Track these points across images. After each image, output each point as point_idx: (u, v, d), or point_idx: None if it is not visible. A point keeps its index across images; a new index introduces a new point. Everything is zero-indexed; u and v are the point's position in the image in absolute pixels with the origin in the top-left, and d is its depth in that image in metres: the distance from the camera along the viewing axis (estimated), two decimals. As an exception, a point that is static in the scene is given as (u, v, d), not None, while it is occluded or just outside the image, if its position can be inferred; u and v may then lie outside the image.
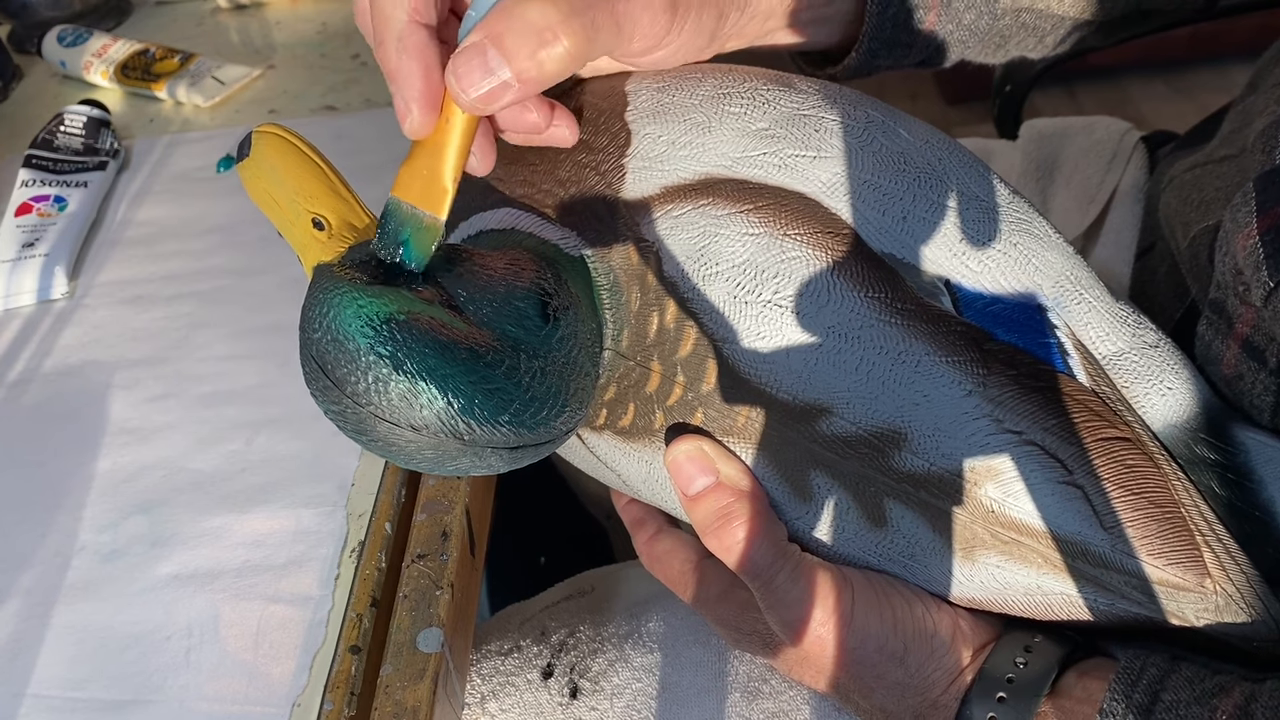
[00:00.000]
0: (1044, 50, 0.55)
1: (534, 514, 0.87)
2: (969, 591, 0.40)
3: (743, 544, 0.39)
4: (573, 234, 0.41)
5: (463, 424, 0.34)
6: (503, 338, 0.36)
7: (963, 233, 0.39)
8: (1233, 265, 0.42)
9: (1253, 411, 0.41)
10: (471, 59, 0.32)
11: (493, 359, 0.35)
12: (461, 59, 0.33)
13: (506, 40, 0.32)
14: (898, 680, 0.40)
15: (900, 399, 0.37)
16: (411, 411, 0.34)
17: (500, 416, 0.35)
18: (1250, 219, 0.40)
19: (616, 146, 0.41)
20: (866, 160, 0.40)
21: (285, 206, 0.37)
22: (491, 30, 0.32)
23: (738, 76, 0.42)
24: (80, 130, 0.76)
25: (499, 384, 0.35)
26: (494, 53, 0.32)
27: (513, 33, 0.32)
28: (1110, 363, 0.40)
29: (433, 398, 0.34)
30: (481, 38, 0.32)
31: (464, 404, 0.34)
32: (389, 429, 0.34)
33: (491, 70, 0.32)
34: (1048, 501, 0.37)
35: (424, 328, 0.34)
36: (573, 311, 0.38)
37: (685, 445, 0.39)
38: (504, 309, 0.37)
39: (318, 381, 0.35)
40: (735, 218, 0.39)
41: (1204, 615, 0.38)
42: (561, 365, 0.37)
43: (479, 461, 0.36)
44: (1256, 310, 0.40)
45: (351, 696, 0.42)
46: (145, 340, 0.62)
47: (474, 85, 0.33)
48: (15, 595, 0.48)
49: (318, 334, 0.34)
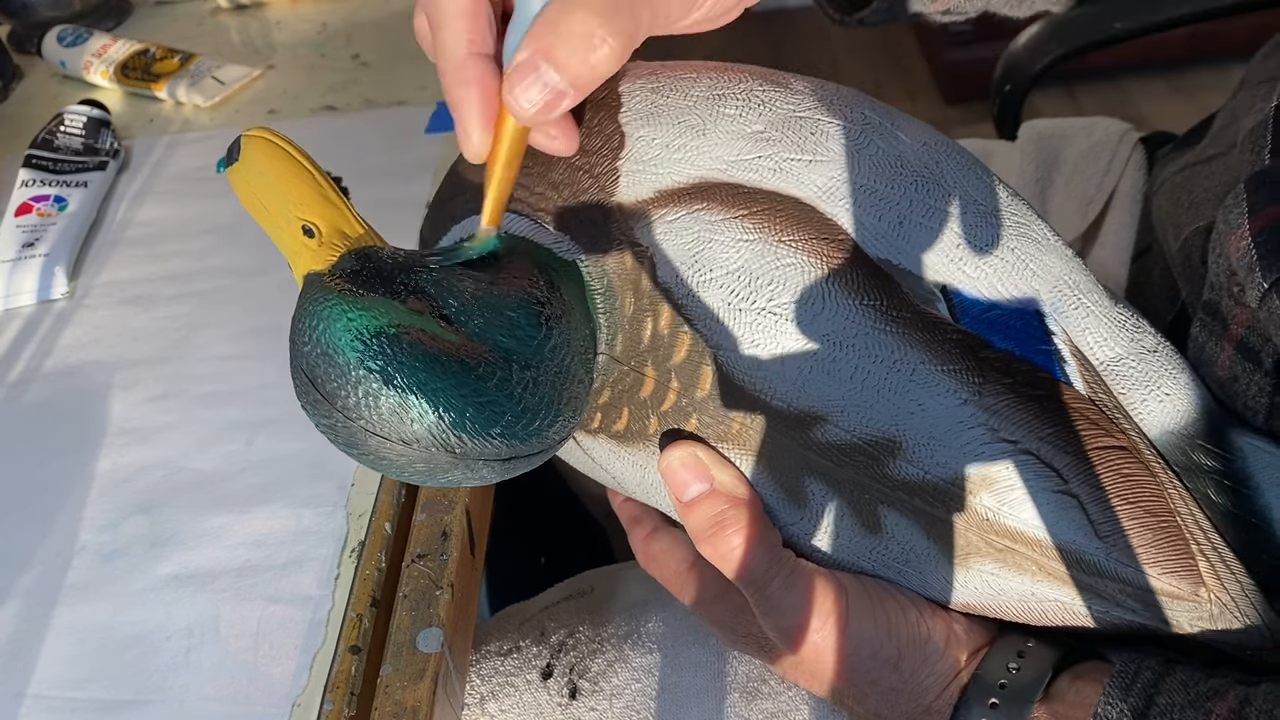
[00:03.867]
0: (1066, 4, 0.56)
1: (534, 514, 0.87)
2: (964, 597, 0.40)
3: (737, 551, 0.39)
4: (566, 238, 0.41)
5: (454, 437, 0.34)
6: (494, 349, 0.36)
7: (960, 238, 0.39)
8: (1226, 266, 0.42)
9: (1247, 413, 0.41)
10: (525, 75, 0.34)
11: (484, 371, 0.35)
12: (516, 76, 0.34)
13: (557, 52, 0.33)
14: (892, 686, 0.40)
15: (895, 407, 0.37)
16: (402, 426, 0.34)
17: (492, 429, 0.35)
18: (1242, 220, 0.40)
19: (610, 149, 0.40)
20: (863, 164, 0.39)
21: (275, 213, 0.37)
22: (540, 45, 0.34)
23: (733, 77, 0.41)
24: (80, 130, 0.76)
25: (490, 396, 0.35)
26: (546, 66, 0.34)
27: (562, 44, 0.33)
28: (1107, 369, 0.40)
29: (423, 412, 0.34)
30: (531, 53, 0.34)
31: (455, 417, 0.34)
32: (380, 443, 0.34)
33: (546, 82, 0.34)
34: (1043, 510, 0.37)
35: (414, 341, 0.34)
36: (566, 319, 0.38)
37: (679, 451, 0.39)
38: (495, 319, 0.36)
39: (308, 395, 0.35)
40: (730, 223, 0.38)
41: (1199, 624, 0.38)
42: (554, 374, 0.37)
43: (471, 474, 0.36)
44: (1251, 311, 0.40)
45: (351, 696, 0.43)
46: (145, 340, 0.62)
47: (532, 100, 0.34)
48: (15, 595, 0.48)
49: (308, 347, 0.34)
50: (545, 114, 0.35)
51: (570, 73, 0.34)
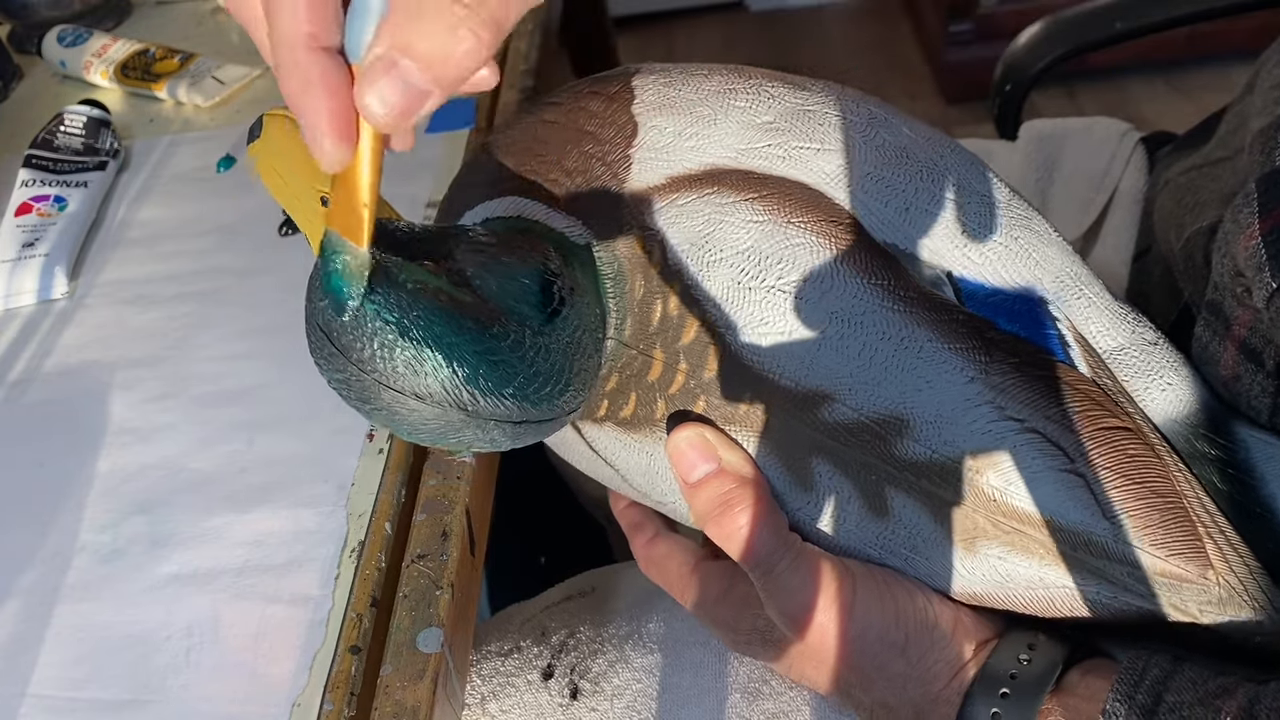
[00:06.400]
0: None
1: (534, 514, 0.87)
2: (971, 586, 0.40)
3: (744, 530, 0.39)
4: (578, 223, 0.41)
5: (467, 393, 0.35)
6: (508, 312, 0.36)
7: (964, 225, 0.40)
8: (1232, 267, 0.42)
9: (1251, 413, 0.41)
10: (381, 75, 0.29)
11: (498, 331, 0.35)
12: (370, 76, 0.29)
13: (418, 47, 0.28)
14: (899, 672, 0.40)
15: (903, 385, 0.38)
16: (416, 379, 0.34)
17: (505, 389, 0.35)
18: (1252, 220, 0.40)
19: (623, 138, 0.41)
20: (870, 154, 0.40)
21: (294, 186, 0.37)
22: (397, 39, 0.28)
23: (743, 74, 0.43)
24: (80, 130, 0.76)
25: (504, 356, 0.35)
26: (406, 63, 0.29)
27: (423, 37, 0.28)
28: (1110, 357, 0.41)
29: (438, 365, 0.34)
30: (387, 48, 0.29)
31: (469, 373, 0.34)
32: (393, 397, 0.35)
33: (408, 82, 0.29)
34: (1049, 490, 0.37)
35: (431, 297, 0.34)
36: (577, 294, 0.39)
37: (687, 432, 0.39)
38: (510, 285, 0.37)
39: (323, 349, 0.35)
40: (740, 205, 0.39)
41: (1207, 608, 0.38)
42: (566, 344, 0.38)
43: (482, 434, 0.36)
44: (1255, 312, 0.40)
45: (351, 696, 0.43)
46: (145, 340, 0.62)
47: (390, 104, 0.29)
48: (15, 595, 0.48)
49: (324, 302, 0.34)
50: (405, 119, 0.30)
51: (434, 71, 0.29)
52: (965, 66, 1.98)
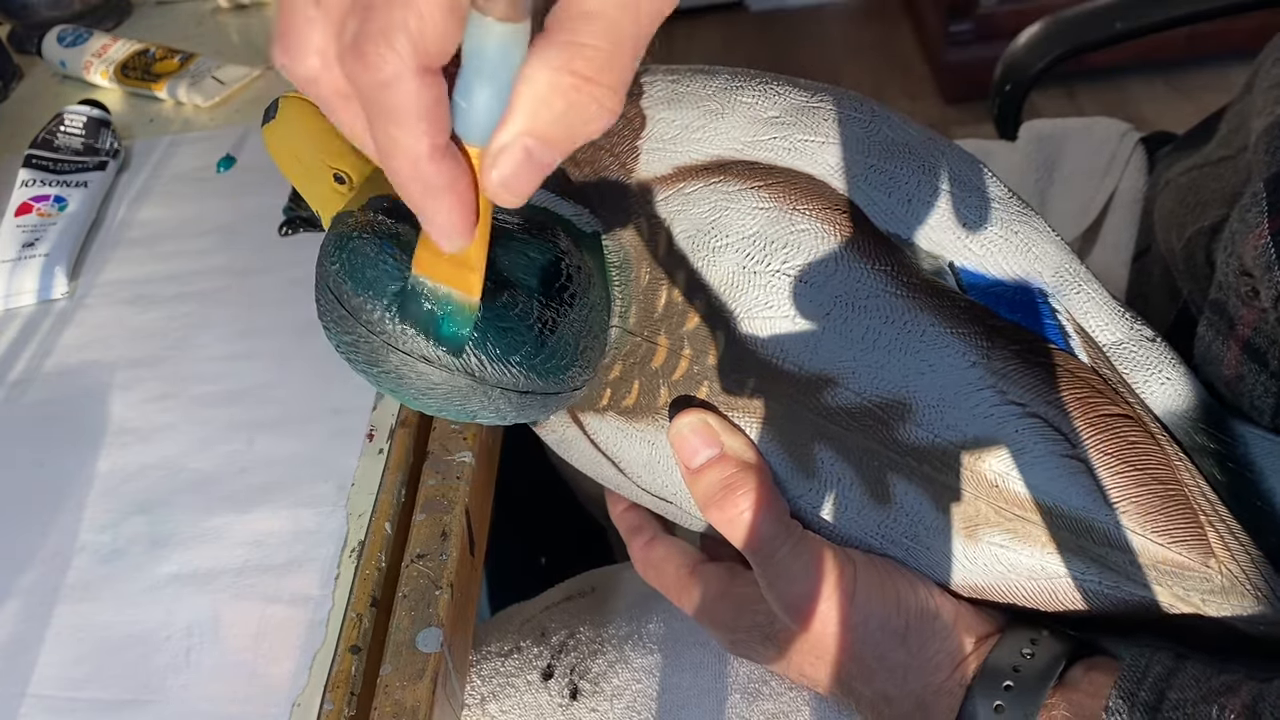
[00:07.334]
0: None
1: (534, 514, 0.87)
2: (973, 576, 0.40)
3: (746, 514, 0.39)
4: (586, 212, 0.42)
5: (474, 358, 0.35)
6: (517, 284, 0.37)
7: (964, 218, 0.41)
8: (1238, 266, 0.42)
9: (1253, 413, 0.41)
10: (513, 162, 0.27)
11: (507, 299, 0.36)
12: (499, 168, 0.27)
13: (552, 132, 0.27)
14: (900, 661, 0.40)
15: (905, 368, 0.38)
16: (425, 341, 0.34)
17: (512, 356, 0.36)
18: (1261, 219, 0.40)
19: (631, 130, 0.42)
20: (872, 148, 0.41)
21: (309, 163, 0.38)
22: (530, 125, 0.27)
23: (749, 73, 0.44)
24: (80, 130, 0.76)
25: (512, 324, 0.36)
26: (533, 144, 0.27)
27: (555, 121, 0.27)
28: (1109, 351, 0.41)
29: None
30: (518, 135, 0.27)
31: (478, 337, 0.35)
32: (401, 359, 0.35)
33: (538, 160, 0.27)
34: (1051, 475, 0.38)
35: None
36: (585, 274, 0.39)
37: (689, 418, 0.40)
38: (519, 259, 0.37)
39: (333, 312, 0.35)
40: (746, 193, 0.40)
41: (1209, 598, 0.38)
42: (572, 320, 0.38)
43: (487, 403, 0.37)
44: (1261, 312, 0.40)
45: (351, 696, 0.43)
46: (145, 340, 0.62)
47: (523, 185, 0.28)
48: (15, 595, 0.48)
49: (336, 265, 0.35)
50: (532, 191, 0.28)
51: (562, 147, 0.27)
52: (965, 66, 1.98)
